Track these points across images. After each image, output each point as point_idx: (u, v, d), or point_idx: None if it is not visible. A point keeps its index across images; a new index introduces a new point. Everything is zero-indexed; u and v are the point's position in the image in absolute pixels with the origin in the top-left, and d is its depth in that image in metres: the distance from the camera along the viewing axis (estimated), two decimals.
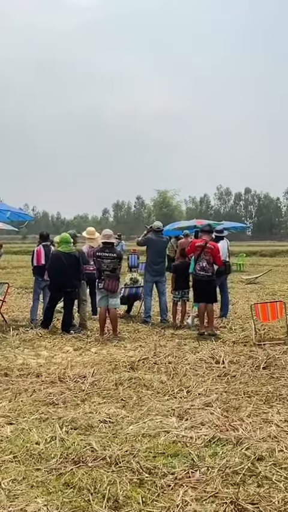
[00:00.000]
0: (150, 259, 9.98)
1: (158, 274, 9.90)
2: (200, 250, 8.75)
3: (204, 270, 8.72)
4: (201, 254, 8.72)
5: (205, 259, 8.71)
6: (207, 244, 8.76)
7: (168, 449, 3.93)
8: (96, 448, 3.89)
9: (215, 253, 8.78)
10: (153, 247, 9.92)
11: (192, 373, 6.16)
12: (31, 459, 3.74)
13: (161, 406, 4.94)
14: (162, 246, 10.11)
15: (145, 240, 10.05)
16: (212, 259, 8.75)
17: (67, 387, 5.57)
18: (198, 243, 8.96)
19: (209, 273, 8.76)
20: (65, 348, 7.66)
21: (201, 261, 8.73)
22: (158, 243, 9.95)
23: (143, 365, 6.54)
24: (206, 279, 8.75)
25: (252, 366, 6.42)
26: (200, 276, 8.76)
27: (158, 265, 9.92)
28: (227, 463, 3.67)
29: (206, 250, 8.71)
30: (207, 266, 8.72)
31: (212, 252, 8.72)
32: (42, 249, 9.70)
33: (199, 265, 8.75)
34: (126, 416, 4.66)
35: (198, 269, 8.76)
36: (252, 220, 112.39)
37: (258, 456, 3.78)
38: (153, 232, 10.01)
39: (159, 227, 10.08)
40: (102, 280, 8.44)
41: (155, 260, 9.90)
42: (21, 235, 80.00)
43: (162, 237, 10.24)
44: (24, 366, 6.49)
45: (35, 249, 9.88)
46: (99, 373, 6.10)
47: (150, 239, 9.97)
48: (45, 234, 10.19)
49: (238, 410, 4.84)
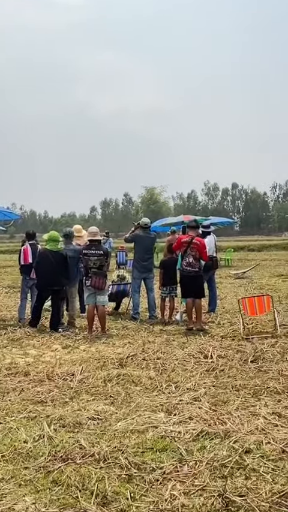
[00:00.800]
0: (138, 256, 9.98)
1: (146, 270, 9.90)
2: (186, 246, 8.77)
3: (190, 266, 8.75)
4: (188, 250, 8.75)
5: (191, 255, 8.73)
6: (193, 240, 8.78)
7: (156, 444, 3.94)
8: (85, 445, 3.89)
9: (201, 249, 8.80)
10: (140, 244, 9.93)
11: (180, 368, 6.18)
12: (19, 458, 3.73)
13: (149, 402, 4.95)
14: (150, 242, 10.12)
15: (133, 237, 10.06)
16: (198, 255, 8.77)
17: (55, 385, 5.56)
18: (185, 238, 8.98)
19: (195, 268, 8.78)
20: (53, 346, 7.63)
21: (188, 257, 8.75)
22: (145, 239, 9.96)
23: (131, 361, 6.54)
24: (193, 274, 8.77)
25: (241, 360, 6.45)
26: (187, 272, 8.79)
27: (146, 261, 9.93)
28: (215, 456, 3.69)
29: (192, 246, 8.73)
30: (194, 262, 8.75)
31: (198, 248, 8.74)
32: (29, 247, 9.66)
33: (186, 261, 8.77)
34: (114, 413, 4.67)
35: (185, 265, 8.79)
36: (240, 215, 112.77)
37: (246, 449, 3.80)
38: (141, 229, 10.03)
39: (146, 223, 10.09)
40: (90, 277, 8.42)
41: (142, 256, 9.90)
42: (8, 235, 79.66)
43: (149, 234, 10.25)
44: (12, 365, 6.46)
45: (22, 247, 9.84)
46: (87, 370, 6.10)
47: (138, 235, 9.99)
48: (31, 233, 10.14)
49: (226, 404, 4.86)
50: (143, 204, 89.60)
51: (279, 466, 3.54)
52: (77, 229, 10.58)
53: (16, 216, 12.03)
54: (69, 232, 9.53)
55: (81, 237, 10.14)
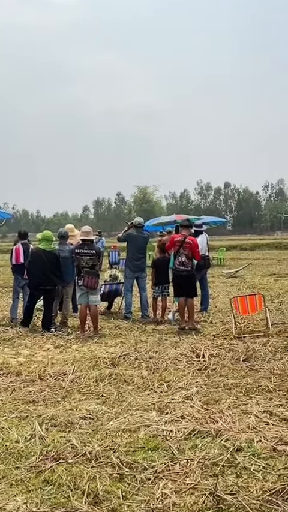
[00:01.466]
0: (130, 255, 9.99)
1: (138, 269, 9.91)
2: (178, 245, 8.78)
3: (183, 265, 8.76)
4: (180, 249, 8.76)
5: (184, 254, 8.74)
6: (185, 239, 8.79)
7: (148, 443, 3.94)
8: (76, 445, 3.88)
9: (194, 248, 8.81)
10: (133, 243, 9.94)
11: (172, 367, 6.18)
12: (10, 458, 3.72)
13: (141, 401, 4.96)
14: (143, 241, 10.12)
15: (126, 236, 10.07)
16: (190, 254, 8.78)
17: (47, 385, 5.55)
18: (177, 238, 9.00)
19: (188, 267, 8.80)
20: (45, 346, 7.62)
21: (180, 256, 8.76)
22: (138, 238, 9.96)
23: (123, 361, 6.54)
24: (186, 273, 8.79)
25: (232, 359, 6.47)
26: (180, 271, 8.80)
27: (139, 260, 9.93)
28: (207, 455, 3.70)
29: (185, 245, 8.74)
30: (186, 261, 8.76)
31: (190, 247, 8.76)
32: (21, 247, 9.63)
33: (178, 260, 8.78)
34: (106, 412, 4.66)
35: (177, 264, 8.80)
36: (233, 215, 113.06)
37: (237, 447, 3.82)
38: (134, 228, 10.04)
39: (140, 223, 10.11)
40: (82, 277, 8.41)
41: (135, 256, 9.91)
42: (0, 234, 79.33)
43: (143, 233, 10.26)
44: (4, 365, 6.44)
45: (14, 247, 9.81)
46: (79, 370, 6.09)
47: (131, 235, 10.00)
48: (23, 232, 10.11)
49: (218, 402, 4.87)
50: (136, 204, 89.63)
51: (270, 464, 3.56)
52: (70, 228, 10.56)
53: (8, 215, 11.99)
54: (65, 233, 9.52)
55: (74, 236, 10.12)
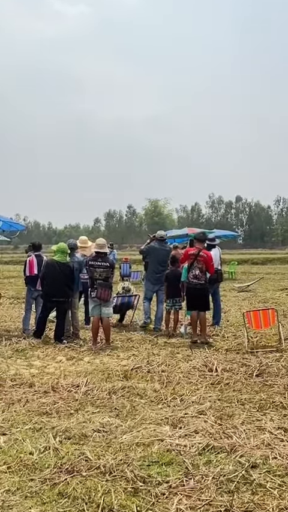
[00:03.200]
0: (151, 268, 10.10)
1: (159, 282, 10.01)
2: (193, 259, 8.78)
3: (197, 278, 8.75)
4: (194, 262, 8.75)
5: (198, 268, 8.74)
6: (200, 252, 8.79)
7: (162, 457, 3.92)
8: (91, 458, 3.88)
9: (208, 262, 8.80)
10: (155, 256, 10.07)
11: (185, 381, 6.16)
12: (25, 469, 3.72)
13: (154, 415, 4.94)
14: (165, 254, 10.19)
15: (147, 249, 10.26)
16: (204, 268, 8.78)
17: (60, 397, 5.55)
18: (192, 251, 9.00)
19: (201, 281, 8.78)
20: (57, 358, 7.63)
21: (194, 269, 8.76)
22: (160, 251, 10.08)
23: (136, 374, 6.54)
24: (199, 287, 8.78)
25: (246, 374, 6.44)
26: (193, 284, 8.79)
27: (160, 273, 10.00)
28: (221, 471, 3.68)
29: (199, 259, 8.74)
30: (200, 274, 8.75)
31: (204, 260, 8.75)
32: (34, 258, 9.69)
33: (192, 273, 8.77)
34: (119, 425, 4.65)
35: (191, 277, 8.79)
36: (244, 229, 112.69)
37: (252, 464, 3.79)
38: (157, 241, 10.22)
39: (162, 236, 10.33)
40: (95, 289, 8.44)
41: (156, 269, 9.99)
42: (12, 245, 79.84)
43: (165, 246, 10.40)
44: (17, 376, 6.46)
45: (27, 258, 9.87)
46: (92, 382, 6.08)
47: (153, 248, 10.16)
48: (37, 244, 10.18)
49: (232, 418, 4.85)
50: (147, 216, 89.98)
51: (286, 482, 3.52)
52: (83, 240, 10.65)
53: (22, 227, 12.06)
54: (73, 244, 9.59)
55: (86, 247, 10.20)
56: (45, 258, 9.82)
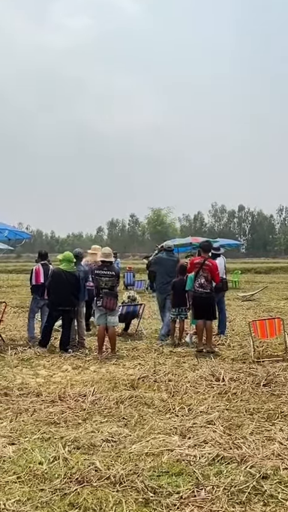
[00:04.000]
0: (160, 278, 10.23)
1: (166, 291, 10.07)
2: (198, 268, 8.79)
3: (202, 287, 8.75)
4: (200, 271, 8.76)
5: (203, 276, 8.74)
6: (205, 261, 8.80)
7: (172, 468, 3.90)
8: (100, 468, 3.86)
9: (213, 271, 8.80)
10: (163, 266, 10.20)
11: (192, 390, 6.14)
12: (35, 479, 3.71)
13: (163, 425, 4.92)
14: (173, 265, 10.28)
15: (156, 259, 10.55)
16: (210, 277, 8.77)
17: (68, 406, 5.54)
18: (197, 260, 9.02)
19: (207, 289, 8.78)
20: (63, 367, 7.62)
21: (200, 278, 8.76)
22: (168, 261, 10.21)
23: (143, 383, 6.52)
24: (205, 295, 8.77)
25: (253, 383, 6.41)
26: (199, 293, 8.79)
27: (168, 283, 10.05)
28: (232, 481, 3.66)
29: (204, 267, 8.74)
30: (206, 283, 8.75)
31: (210, 269, 8.75)
32: (41, 267, 9.71)
33: (198, 282, 8.78)
34: (128, 435, 4.63)
35: (196, 286, 8.79)
36: (246, 238, 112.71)
37: (263, 474, 3.76)
38: (165, 251, 10.45)
39: (169, 246, 10.60)
40: (101, 298, 8.45)
41: (164, 279, 10.09)
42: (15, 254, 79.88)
43: (173, 256, 10.57)
44: (24, 385, 6.45)
45: (34, 267, 9.89)
46: (99, 391, 6.07)
47: (161, 258, 10.39)
48: (43, 253, 10.22)
49: (240, 428, 4.82)
50: (150, 225, 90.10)
51: None
52: (95, 248, 11.04)
53: (27, 235, 12.10)
54: (79, 253, 9.62)
55: (95, 254, 10.48)
56: (51, 267, 9.85)
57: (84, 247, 29.48)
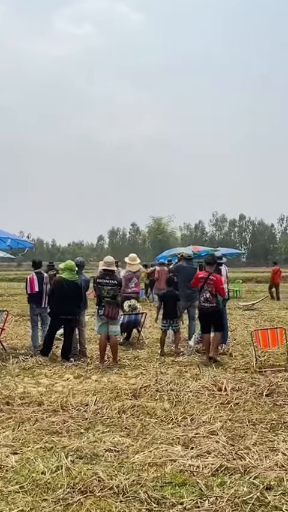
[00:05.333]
0: (182, 286, 10.26)
1: (191, 299, 10.11)
2: (203, 282, 8.79)
3: (208, 301, 8.73)
4: (204, 285, 8.75)
5: (208, 291, 8.72)
6: (210, 275, 8.79)
7: (175, 478, 3.89)
8: (103, 478, 3.85)
9: (217, 285, 8.75)
10: (184, 274, 10.27)
11: (195, 400, 6.13)
12: (38, 489, 3.70)
13: (165, 435, 4.91)
14: (193, 273, 10.29)
15: (176, 268, 10.73)
16: (214, 290, 8.75)
17: (70, 416, 5.52)
18: (201, 274, 9.01)
19: (213, 303, 8.76)
20: (65, 376, 7.60)
21: (205, 292, 8.75)
22: (189, 270, 10.31)
23: (145, 392, 6.50)
24: (211, 310, 8.76)
25: (255, 393, 6.39)
26: (205, 308, 8.78)
27: (190, 290, 10.06)
28: (236, 492, 3.64)
29: (209, 282, 8.72)
30: (211, 297, 8.73)
31: (214, 284, 8.71)
32: (35, 276, 9.78)
33: (203, 297, 8.76)
34: (131, 445, 4.62)
35: (202, 300, 8.77)
36: (247, 247, 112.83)
37: (266, 485, 3.75)
38: (184, 260, 10.66)
39: (189, 255, 10.81)
40: (103, 306, 8.44)
41: (187, 286, 10.11)
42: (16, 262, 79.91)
43: (192, 264, 10.75)
44: (26, 394, 6.43)
45: (28, 276, 9.95)
46: (101, 401, 6.05)
47: (181, 266, 10.57)
48: (37, 261, 10.35)
49: (244, 438, 4.81)
50: (150, 234, 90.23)
51: None
52: (132, 257, 11.24)
53: (30, 244, 12.13)
54: (81, 262, 9.64)
55: (135, 264, 11.01)
56: (45, 275, 9.93)
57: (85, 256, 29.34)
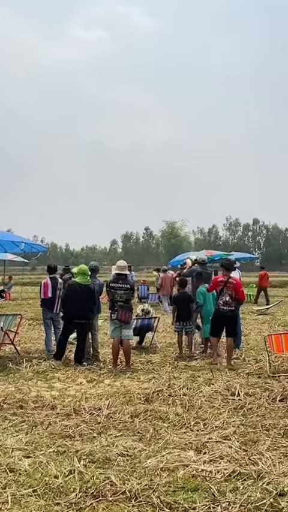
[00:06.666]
0: (195, 290, 10.23)
1: None
2: (222, 285, 8.77)
3: (227, 305, 8.71)
4: (224, 289, 8.74)
5: (228, 294, 8.71)
6: (229, 279, 8.77)
7: (188, 483, 3.88)
8: (116, 482, 3.85)
9: (237, 288, 8.75)
10: (199, 279, 10.29)
11: (207, 405, 6.10)
12: (50, 493, 3.71)
13: (178, 439, 4.90)
14: (208, 277, 10.37)
15: (190, 272, 10.69)
16: (234, 294, 8.73)
17: (83, 419, 5.54)
18: (220, 278, 8.99)
19: (232, 307, 8.74)
20: (78, 380, 7.62)
21: (224, 296, 8.73)
22: (203, 274, 10.34)
23: (157, 397, 6.49)
24: (230, 314, 8.76)
25: (269, 399, 6.34)
26: (224, 311, 8.75)
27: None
28: (249, 498, 3.62)
29: (228, 285, 8.71)
30: (230, 301, 8.70)
31: (234, 287, 8.71)
32: (49, 281, 9.79)
33: (222, 300, 8.73)
34: (143, 450, 4.62)
35: (221, 304, 8.74)
36: (261, 251, 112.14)
37: (280, 491, 3.72)
38: (198, 265, 10.67)
39: (204, 260, 10.77)
40: (116, 311, 8.46)
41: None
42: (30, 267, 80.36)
43: (206, 269, 10.79)
44: (39, 398, 6.46)
45: (42, 281, 9.98)
46: (114, 405, 6.06)
47: (196, 271, 10.53)
48: (52, 266, 10.29)
49: (257, 443, 4.78)
50: (164, 238, 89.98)
51: None
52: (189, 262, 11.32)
53: (43, 248, 12.21)
54: (95, 266, 9.66)
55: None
56: (59, 281, 9.94)
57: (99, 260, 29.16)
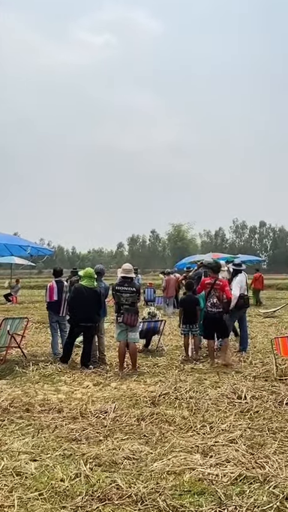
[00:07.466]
0: None
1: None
2: (209, 288, 8.94)
3: (215, 306, 8.94)
4: (211, 291, 8.93)
5: (215, 296, 8.94)
6: (216, 281, 8.96)
7: (194, 487, 3.87)
8: (122, 486, 3.85)
9: (224, 288, 9.01)
10: None
11: (214, 408, 6.09)
12: (57, 496, 3.71)
13: (184, 443, 4.89)
14: None
15: (196, 274, 10.86)
16: (221, 295, 8.91)
17: (89, 423, 5.54)
18: (208, 280, 9.16)
19: (219, 308, 8.98)
20: (84, 383, 7.63)
21: (212, 298, 8.98)
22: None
23: (164, 400, 6.48)
24: (218, 315, 8.96)
25: (275, 402, 6.32)
26: (212, 313, 8.97)
27: None
28: (255, 502, 3.61)
29: (216, 287, 8.93)
30: (218, 302, 8.95)
31: (221, 288, 8.97)
32: (55, 284, 9.82)
33: (210, 302, 8.98)
34: (149, 453, 4.61)
35: (209, 306, 8.98)
36: (268, 254, 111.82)
37: (286, 495, 3.70)
38: (205, 268, 10.60)
39: (210, 263, 10.63)
40: (121, 314, 8.47)
41: None
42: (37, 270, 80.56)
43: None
44: (45, 401, 6.48)
45: (48, 284, 10.01)
46: (120, 408, 6.06)
47: (201, 274, 10.57)
48: (58, 270, 10.33)
49: (263, 447, 4.76)
50: (170, 241, 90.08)
51: None
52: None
53: (50, 251, 12.26)
54: (101, 269, 9.66)
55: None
56: (65, 284, 9.96)
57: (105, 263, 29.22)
